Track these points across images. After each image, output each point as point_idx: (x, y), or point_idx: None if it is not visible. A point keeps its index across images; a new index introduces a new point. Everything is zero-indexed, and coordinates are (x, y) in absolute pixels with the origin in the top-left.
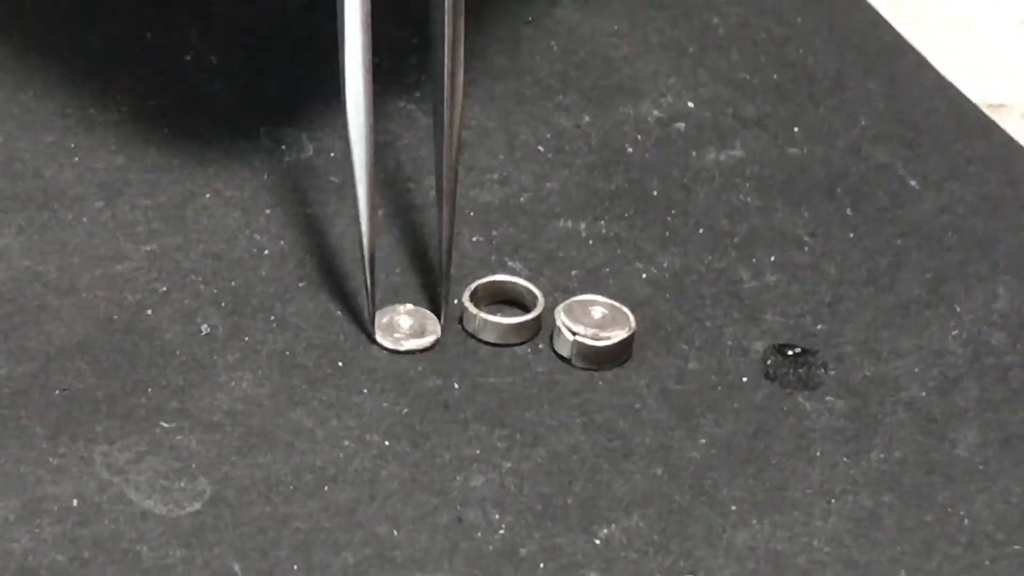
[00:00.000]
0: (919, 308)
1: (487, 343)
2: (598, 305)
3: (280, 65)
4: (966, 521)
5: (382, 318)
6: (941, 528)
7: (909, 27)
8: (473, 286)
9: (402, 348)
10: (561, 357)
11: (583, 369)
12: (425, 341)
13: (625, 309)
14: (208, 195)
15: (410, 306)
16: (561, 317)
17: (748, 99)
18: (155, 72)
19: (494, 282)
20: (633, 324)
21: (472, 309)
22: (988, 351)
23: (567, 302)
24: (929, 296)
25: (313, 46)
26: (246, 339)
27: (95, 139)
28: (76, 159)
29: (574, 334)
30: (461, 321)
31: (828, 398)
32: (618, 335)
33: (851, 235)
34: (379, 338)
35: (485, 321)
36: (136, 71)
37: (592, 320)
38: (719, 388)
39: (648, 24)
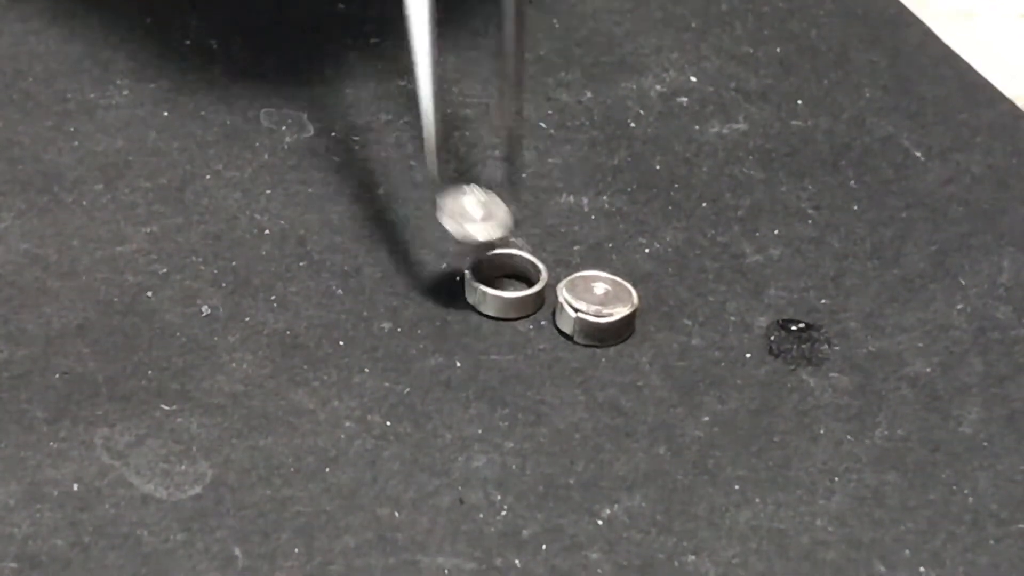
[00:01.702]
0: (924, 282)
1: (488, 317)
2: (600, 281)
3: (280, 47)
4: (970, 499)
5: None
6: (945, 506)
7: None
8: (476, 259)
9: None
10: (563, 334)
11: (585, 346)
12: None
13: (628, 285)
14: (208, 176)
15: (476, 187)
16: (563, 293)
17: (751, 72)
18: (155, 56)
19: (499, 255)
20: (636, 300)
21: (474, 282)
22: (993, 325)
23: (569, 278)
24: (934, 269)
25: (313, 28)
26: (247, 320)
27: (95, 123)
28: (76, 143)
29: (576, 311)
30: (463, 294)
31: (832, 374)
32: (621, 311)
33: (855, 208)
34: (445, 222)
35: (485, 294)
36: (136, 55)
37: (595, 296)
38: (722, 364)
39: (650, 0)
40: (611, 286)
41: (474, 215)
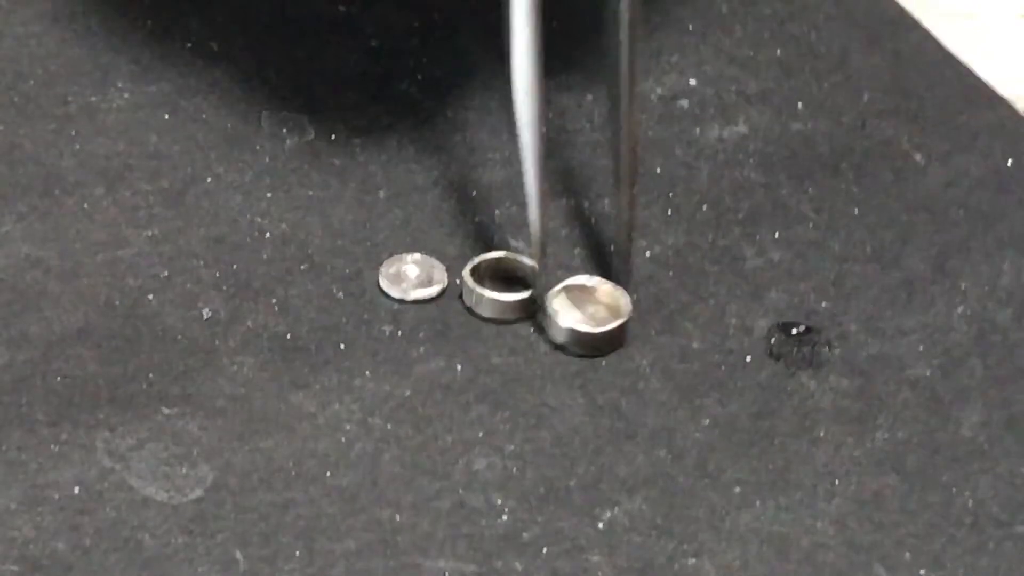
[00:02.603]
0: (924, 285)
1: (484, 319)
2: (593, 289)
3: (281, 50)
4: (970, 502)
5: (389, 268)
6: (945, 509)
7: None
8: (476, 261)
9: (409, 298)
10: (556, 345)
11: (579, 356)
12: (432, 290)
13: (621, 292)
14: (209, 179)
15: (418, 255)
16: (553, 304)
17: (751, 75)
18: (156, 59)
19: (497, 259)
20: (629, 309)
21: (471, 283)
22: (993, 328)
23: (561, 286)
24: (934, 272)
25: (314, 30)
26: (248, 323)
27: (96, 126)
28: (77, 146)
29: (567, 321)
30: (460, 296)
31: (832, 377)
32: (613, 322)
33: (856, 211)
34: (386, 288)
35: (482, 296)
36: (137, 58)
37: (587, 306)
38: (722, 367)
39: (650, 2)
40: (604, 296)
41: (413, 279)
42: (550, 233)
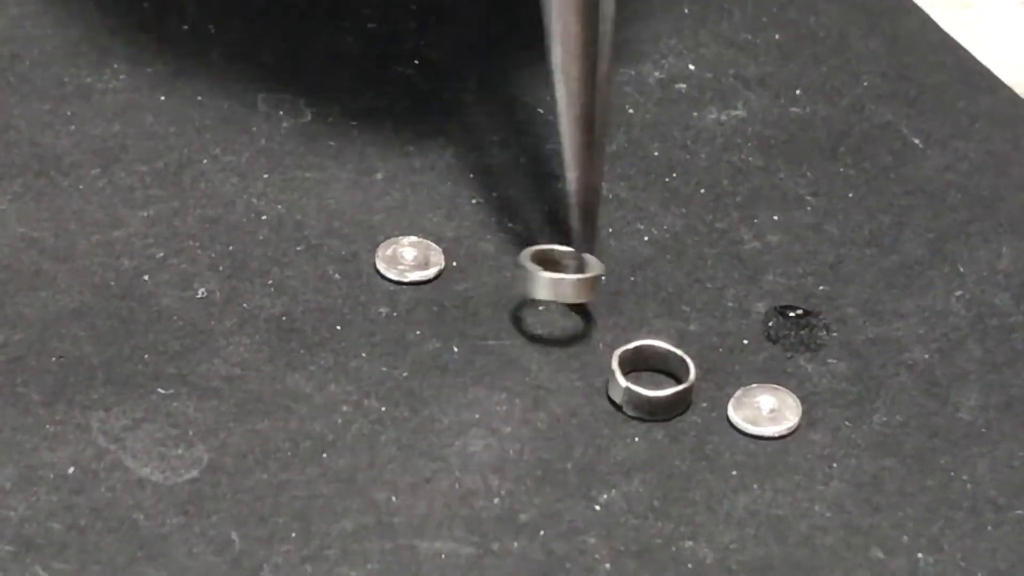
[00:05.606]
0: (922, 268)
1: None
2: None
3: (277, 32)
4: (968, 485)
5: (385, 250)
6: (943, 492)
7: None
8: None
9: (405, 280)
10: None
11: None
12: (429, 272)
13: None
14: (205, 160)
15: (414, 237)
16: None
17: (750, 59)
18: (153, 40)
19: (542, 250)
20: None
21: (530, 267)
22: (991, 312)
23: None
24: (932, 256)
25: (311, 12)
26: (244, 304)
27: (92, 106)
28: (73, 127)
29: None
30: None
31: (830, 360)
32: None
33: (854, 195)
34: (382, 269)
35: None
36: (134, 39)
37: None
38: (720, 350)
39: None
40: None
41: (410, 261)
42: (548, 216)
